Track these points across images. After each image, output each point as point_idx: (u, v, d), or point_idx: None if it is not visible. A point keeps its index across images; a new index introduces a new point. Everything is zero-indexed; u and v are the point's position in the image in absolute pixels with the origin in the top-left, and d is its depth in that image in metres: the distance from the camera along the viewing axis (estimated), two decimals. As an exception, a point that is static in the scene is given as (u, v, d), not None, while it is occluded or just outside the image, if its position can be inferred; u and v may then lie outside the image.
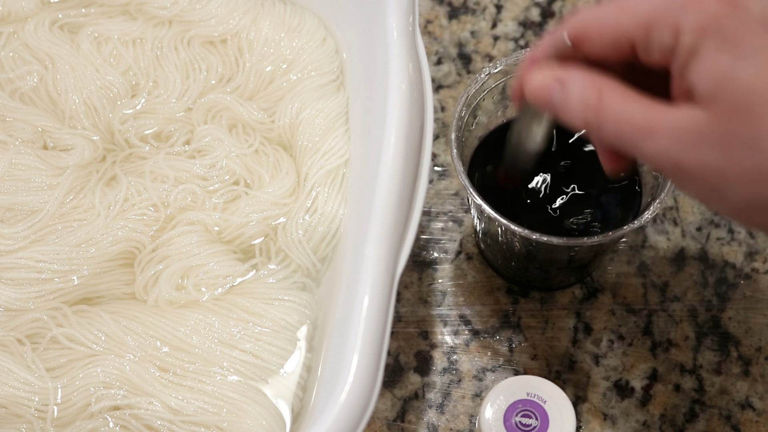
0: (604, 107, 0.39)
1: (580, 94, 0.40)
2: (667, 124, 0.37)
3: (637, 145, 0.38)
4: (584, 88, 0.40)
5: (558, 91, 0.41)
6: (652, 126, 0.38)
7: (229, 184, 0.58)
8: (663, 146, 0.38)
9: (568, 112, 0.40)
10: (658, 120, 0.38)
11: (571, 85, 0.40)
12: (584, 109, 0.40)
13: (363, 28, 0.57)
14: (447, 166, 0.67)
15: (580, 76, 0.40)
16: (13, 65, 0.61)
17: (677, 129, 0.37)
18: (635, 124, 0.38)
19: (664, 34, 0.38)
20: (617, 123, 0.39)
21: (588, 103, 0.40)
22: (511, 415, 0.54)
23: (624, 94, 0.39)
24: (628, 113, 0.39)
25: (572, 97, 0.40)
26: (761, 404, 0.59)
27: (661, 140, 0.38)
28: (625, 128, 0.39)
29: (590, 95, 0.40)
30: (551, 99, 0.41)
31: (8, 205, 0.56)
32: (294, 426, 0.51)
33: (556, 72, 0.41)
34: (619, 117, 0.39)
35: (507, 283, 0.63)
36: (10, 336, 0.53)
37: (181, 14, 0.63)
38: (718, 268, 0.63)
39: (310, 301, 0.54)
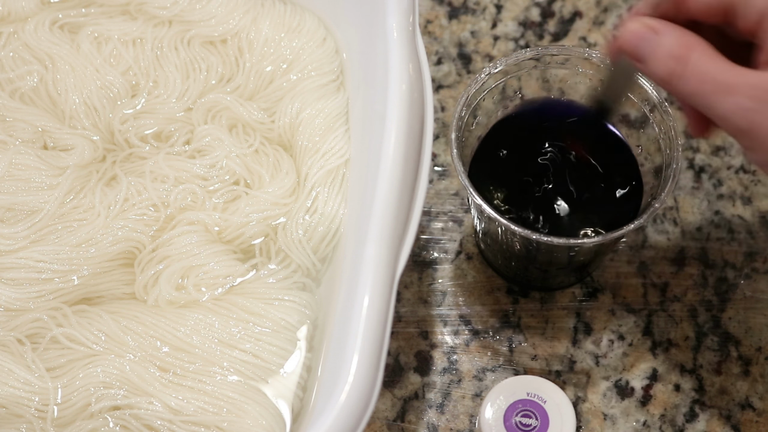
0: (691, 61, 0.41)
1: (671, 44, 0.42)
2: (747, 83, 0.39)
3: (714, 101, 0.40)
4: (676, 39, 0.42)
5: (650, 38, 0.43)
6: (732, 83, 0.40)
7: (229, 184, 0.58)
8: (740, 104, 0.39)
9: (656, 60, 0.42)
10: (739, 79, 0.40)
11: (664, 35, 0.42)
12: (671, 59, 0.42)
13: (363, 28, 0.57)
14: (447, 166, 0.67)
15: (673, 29, 0.43)
16: (13, 65, 0.61)
17: (756, 88, 0.39)
18: (716, 80, 0.40)
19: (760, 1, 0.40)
20: (699, 78, 0.41)
21: (676, 54, 0.42)
22: (511, 415, 0.54)
23: (711, 53, 0.41)
24: (711, 70, 0.40)
25: (662, 46, 0.42)
26: (761, 404, 0.59)
27: (738, 98, 0.39)
28: (706, 84, 0.40)
29: (680, 47, 0.42)
30: (642, 45, 0.43)
31: (8, 205, 0.56)
32: (294, 426, 0.51)
33: (652, 21, 0.43)
34: (703, 72, 0.41)
35: (507, 283, 0.63)
36: (10, 336, 0.53)
37: (181, 14, 0.63)
38: (718, 268, 0.63)
39: (310, 301, 0.54)
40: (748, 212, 0.65)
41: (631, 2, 0.74)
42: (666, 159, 0.53)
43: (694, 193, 0.66)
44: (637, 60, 0.44)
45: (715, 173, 0.66)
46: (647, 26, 0.43)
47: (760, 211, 0.65)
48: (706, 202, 0.65)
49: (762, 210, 0.65)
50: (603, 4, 0.74)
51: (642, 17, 0.44)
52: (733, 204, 0.65)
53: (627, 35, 0.44)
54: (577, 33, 0.73)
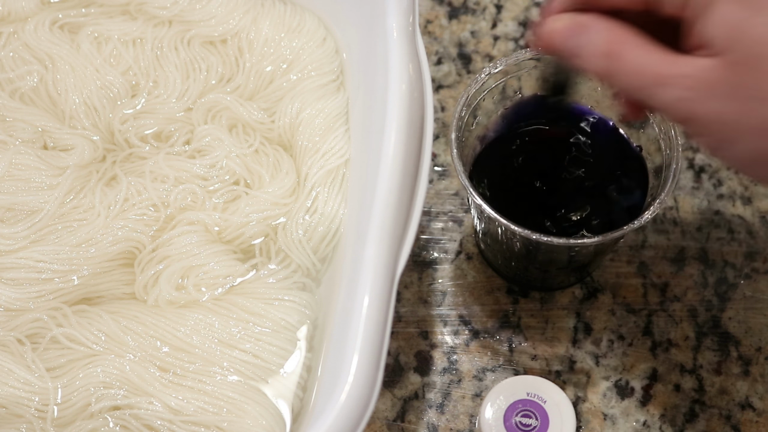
0: (622, 56, 0.40)
1: (600, 40, 0.41)
2: (681, 74, 0.38)
3: (651, 94, 0.39)
4: (604, 34, 0.41)
5: (579, 35, 0.42)
6: (667, 75, 0.39)
7: (229, 184, 0.58)
8: (677, 95, 0.38)
9: (586, 57, 0.41)
10: (672, 69, 0.39)
11: (592, 31, 0.41)
12: (602, 56, 0.41)
13: (363, 28, 0.57)
14: (447, 166, 0.67)
15: (601, 23, 0.41)
16: (13, 65, 0.61)
17: (691, 78, 0.38)
18: (650, 73, 0.39)
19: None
20: (633, 72, 0.40)
21: (606, 50, 0.40)
22: (511, 415, 0.54)
23: (641, 44, 0.40)
24: (644, 62, 0.39)
25: (592, 43, 0.41)
26: (761, 404, 0.59)
27: (675, 90, 0.38)
28: (640, 77, 0.39)
29: (609, 42, 0.40)
30: (571, 42, 0.42)
31: (8, 205, 0.56)
32: (294, 426, 0.51)
33: (577, 18, 0.42)
34: (635, 66, 0.39)
35: (507, 283, 0.63)
36: (10, 336, 0.53)
37: (181, 14, 0.63)
38: (718, 268, 0.63)
39: (310, 301, 0.54)
40: (748, 212, 0.65)
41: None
42: (666, 159, 0.53)
43: (694, 193, 0.66)
44: (569, 57, 0.43)
45: (715, 173, 0.66)
46: (574, 23, 0.42)
47: (760, 211, 0.65)
48: (706, 202, 0.65)
49: (762, 210, 0.65)
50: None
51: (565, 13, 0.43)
52: (733, 204, 0.65)
53: (555, 34, 0.43)
54: (577, 33, 0.73)
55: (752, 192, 0.65)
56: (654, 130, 0.55)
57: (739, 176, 0.66)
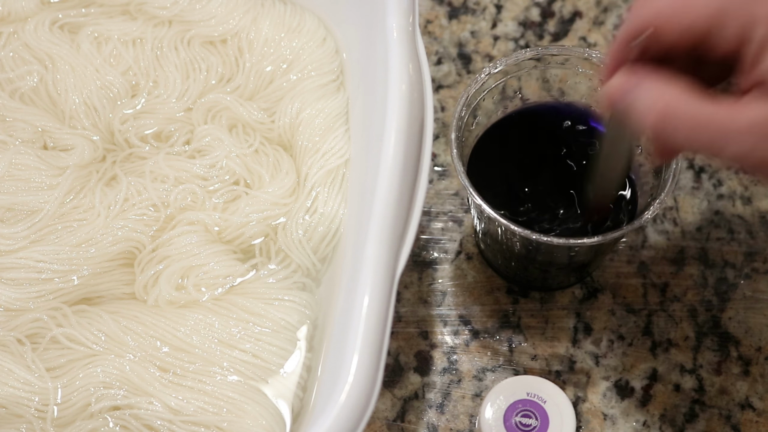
0: (676, 113, 0.39)
1: (651, 97, 0.40)
2: (748, 124, 0.38)
3: (719, 149, 0.39)
4: (655, 92, 0.40)
5: (631, 93, 0.41)
6: (732, 127, 0.38)
7: (229, 184, 0.58)
8: (748, 146, 0.38)
9: (642, 115, 0.40)
10: (738, 121, 0.38)
11: (642, 88, 0.41)
12: (655, 113, 0.40)
13: (363, 28, 0.57)
14: (447, 166, 0.67)
15: (651, 79, 0.41)
16: (13, 65, 0.61)
17: (757, 123, 0.37)
18: (713, 128, 0.38)
19: (737, 24, 0.38)
20: (690, 129, 0.39)
21: (659, 108, 0.40)
22: (511, 415, 0.54)
23: (694, 99, 0.39)
24: (700, 118, 0.39)
25: (643, 100, 0.40)
26: (761, 404, 0.59)
27: (745, 141, 0.38)
28: (702, 134, 0.39)
29: (661, 99, 0.40)
30: (625, 102, 0.41)
31: (8, 205, 0.56)
32: (294, 426, 0.51)
33: (627, 75, 0.42)
34: (692, 122, 0.39)
35: (507, 283, 0.63)
36: (10, 336, 0.53)
37: (181, 14, 0.63)
38: (718, 268, 0.63)
39: (310, 301, 0.54)
40: (748, 212, 0.65)
41: (630, 2, 0.74)
42: (666, 159, 0.53)
43: (694, 193, 0.66)
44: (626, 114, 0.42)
45: (715, 173, 0.66)
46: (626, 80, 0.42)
47: (760, 211, 0.65)
48: (706, 202, 0.65)
49: (762, 210, 0.65)
50: (603, 4, 0.74)
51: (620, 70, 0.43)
52: (733, 204, 0.65)
53: (611, 93, 0.42)
54: (577, 33, 0.73)
55: (752, 192, 0.65)
56: None
57: (739, 176, 0.66)
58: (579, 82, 0.57)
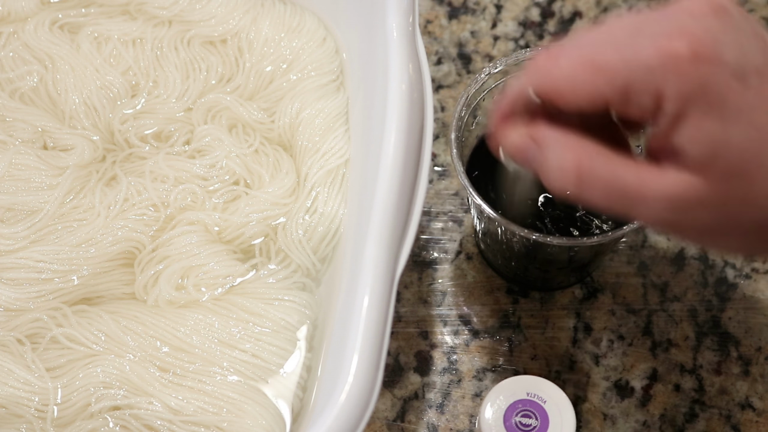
0: (589, 174, 0.38)
1: (565, 158, 0.38)
2: (661, 191, 0.37)
3: (629, 211, 0.38)
4: (569, 152, 0.39)
5: (536, 153, 0.40)
6: (646, 192, 0.37)
7: (229, 184, 0.58)
8: (658, 212, 0.37)
9: (553, 177, 0.39)
10: (653, 186, 0.37)
11: (548, 149, 0.39)
12: (564, 177, 0.38)
13: (363, 28, 0.57)
14: (447, 166, 0.67)
15: (555, 139, 0.39)
16: (13, 65, 0.61)
17: (672, 196, 0.37)
18: (626, 190, 0.37)
19: (645, 99, 0.37)
20: (605, 190, 0.38)
21: (568, 170, 0.38)
22: (511, 415, 0.54)
23: (606, 159, 0.38)
24: (616, 180, 0.38)
25: (551, 161, 0.39)
26: (761, 404, 0.59)
27: (655, 207, 0.37)
28: (615, 195, 0.38)
29: (577, 160, 0.38)
30: (530, 159, 0.40)
31: (8, 205, 0.56)
32: (294, 426, 0.51)
33: (533, 133, 0.40)
34: (607, 184, 0.38)
35: (507, 283, 0.63)
36: (10, 336, 0.53)
37: (181, 14, 0.63)
38: (718, 268, 0.63)
39: (310, 301, 0.54)
40: (748, 212, 0.65)
41: (630, 2, 0.74)
42: (666, 159, 0.53)
43: (694, 193, 0.66)
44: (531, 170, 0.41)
45: (715, 173, 0.66)
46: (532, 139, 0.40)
47: (760, 211, 0.65)
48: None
49: (762, 210, 0.65)
50: (603, 4, 0.74)
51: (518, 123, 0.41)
52: (733, 204, 0.65)
53: (510, 147, 0.41)
54: (577, 33, 0.73)
55: (752, 192, 0.65)
56: None
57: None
58: None
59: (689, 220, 0.37)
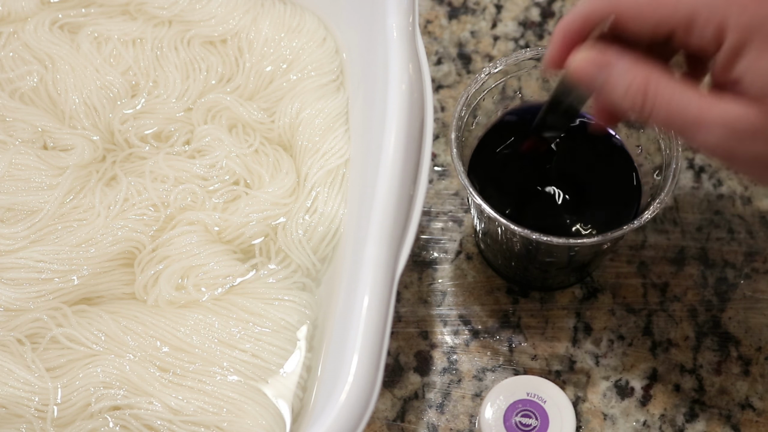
0: (655, 96, 0.40)
1: (627, 78, 0.41)
2: (720, 118, 0.39)
3: (690, 135, 0.40)
4: (635, 71, 0.41)
5: (603, 71, 0.42)
6: (705, 118, 0.39)
7: (229, 184, 0.58)
8: (717, 139, 0.39)
9: (619, 95, 0.41)
10: (712, 113, 0.39)
11: (617, 70, 0.41)
12: (631, 95, 0.41)
13: (363, 28, 0.57)
14: (447, 166, 0.67)
15: (625, 62, 0.41)
16: (13, 65, 0.61)
17: (730, 123, 0.39)
18: (688, 115, 0.40)
19: (708, 29, 0.39)
20: (668, 112, 0.40)
21: (635, 89, 0.40)
22: (511, 415, 0.54)
23: (671, 83, 0.40)
24: (679, 104, 0.40)
25: (619, 81, 0.41)
26: (761, 404, 0.59)
27: (715, 133, 0.39)
28: (676, 118, 0.40)
29: (637, 81, 0.40)
30: (596, 78, 0.42)
31: (8, 205, 0.56)
32: (294, 426, 0.51)
33: (599, 54, 0.42)
34: (671, 107, 0.40)
35: (507, 283, 0.63)
36: (10, 336, 0.53)
37: (181, 14, 0.63)
38: (718, 268, 0.63)
39: (310, 301, 0.54)
40: (748, 212, 0.65)
41: None
42: (666, 159, 0.53)
43: (694, 193, 0.66)
44: (593, 90, 0.43)
45: (715, 173, 0.66)
46: (599, 58, 0.42)
47: (760, 211, 0.65)
48: (706, 202, 0.65)
49: (762, 210, 0.65)
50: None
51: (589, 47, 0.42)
52: (733, 204, 0.65)
53: (577, 66, 0.42)
54: (577, 33, 0.73)
55: (752, 192, 0.65)
56: (654, 130, 0.55)
57: (739, 176, 0.66)
58: None
59: (743, 149, 0.39)
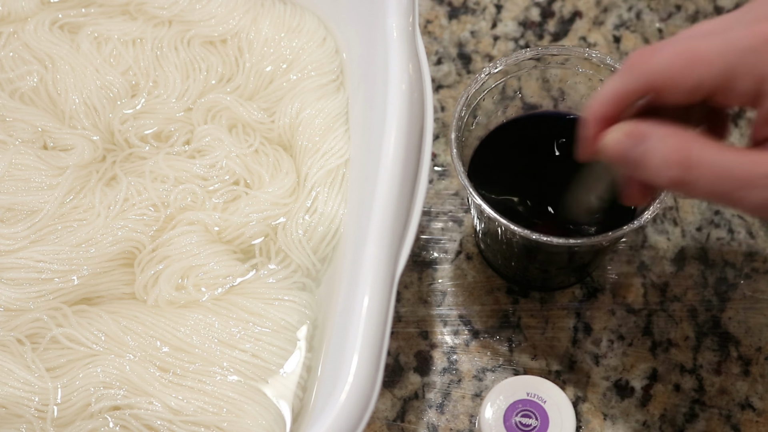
0: (693, 163, 0.38)
1: (665, 150, 0.39)
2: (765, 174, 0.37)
3: (734, 198, 0.38)
4: (672, 141, 0.39)
5: (639, 147, 0.40)
6: (748, 177, 0.37)
7: (229, 184, 0.58)
8: (764, 197, 0.37)
9: (653, 169, 0.39)
10: (754, 169, 0.37)
11: (655, 139, 0.39)
12: (671, 167, 0.39)
13: (363, 28, 0.57)
14: (447, 166, 0.67)
15: (662, 129, 0.39)
16: (13, 65, 0.61)
17: None
18: (730, 177, 0.38)
19: (747, 82, 0.37)
20: (709, 179, 0.38)
21: (674, 160, 0.38)
22: (511, 415, 0.54)
23: (711, 146, 0.38)
24: (720, 166, 0.38)
25: (656, 154, 0.39)
26: (761, 404, 0.59)
27: (761, 191, 0.37)
28: (719, 184, 0.38)
29: (676, 151, 0.38)
30: (632, 155, 0.40)
31: (8, 205, 0.56)
32: (294, 426, 0.51)
33: (636, 126, 0.40)
34: (711, 172, 0.38)
35: (507, 283, 0.63)
36: (10, 336, 0.53)
37: (181, 14, 0.63)
38: (718, 268, 0.63)
39: (310, 301, 0.54)
40: (748, 212, 0.65)
41: (630, 2, 0.74)
42: (666, 159, 0.53)
43: (694, 193, 0.66)
44: (631, 169, 0.41)
45: (715, 173, 0.66)
46: (631, 134, 0.40)
47: (760, 211, 0.65)
48: (706, 202, 0.65)
49: (762, 210, 0.65)
50: (603, 4, 0.74)
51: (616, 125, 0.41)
52: (733, 204, 0.65)
53: (611, 146, 0.41)
54: (577, 33, 0.73)
55: (752, 192, 0.65)
56: None
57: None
58: (579, 82, 0.57)
59: None
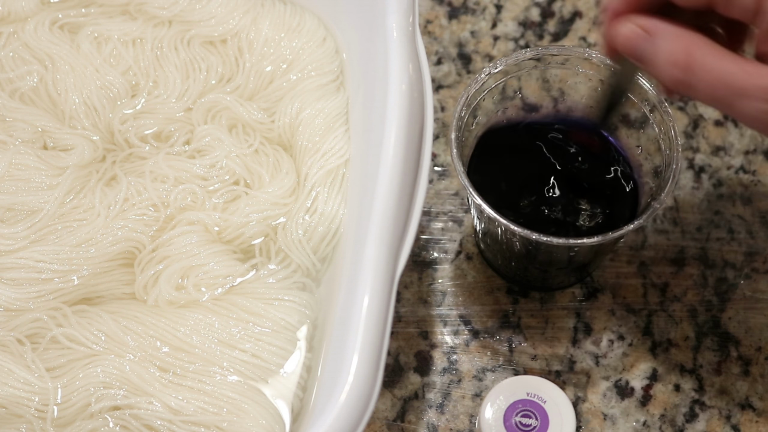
0: (695, 65, 0.39)
1: (670, 49, 0.40)
2: (762, 86, 0.38)
3: (732, 104, 0.39)
4: (674, 42, 0.40)
5: (646, 42, 0.41)
6: (745, 87, 0.38)
7: (229, 184, 0.58)
8: (758, 108, 0.38)
9: (661, 66, 0.40)
10: (755, 81, 0.38)
11: (663, 38, 0.40)
12: (673, 66, 0.40)
13: (363, 28, 0.57)
14: (447, 166, 0.67)
15: (670, 29, 0.40)
16: (13, 65, 0.61)
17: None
18: (729, 84, 0.39)
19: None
20: (713, 82, 0.39)
21: (678, 60, 0.40)
22: (511, 415, 0.54)
23: (713, 51, 0.39)
24: (719, 72, 0.39)
25: (662, 51, 0.40)
26: (761, 404, 0.59)
27: (755, 102, 0.38)
28: (717, 89, 0.39)
29: (680, 51, 0.40)
30: (640, 49, 0.41)
31: (8, 205, 0.56)
32: (294, 426, 0.51)
33: (644, 22, 0.41)
34: (711, 77, 0.39)
35: (507, 283, 0.63)
36: (10, 336, 0.53)
37: (181, 14, 0.63)
38: (718, 268, 0.63)
39: (310, 301, 0.54)
40: (748, 212, 0.65)
41: None
42: (666, 159, 0.53)
43: (694, 193, 0.66)
44: (639, 62, 0.42)
45: (715, 173, 0.66)
46: (643, 28, 0.41)
47: (760, 211, 0.65)
48: (706, 202, 0.65)
49: (762, 210, 0.65)
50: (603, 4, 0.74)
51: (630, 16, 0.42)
52: (733, 204, 0.65)
53: (623, 39, 0.42)
54: (577, 33, 0.73)
55: (752, 192, 0.65)
56: (654, 130, 0.55)
57: (738, 176, 0.66)
58: (579, 82, 0.57)
59: None
